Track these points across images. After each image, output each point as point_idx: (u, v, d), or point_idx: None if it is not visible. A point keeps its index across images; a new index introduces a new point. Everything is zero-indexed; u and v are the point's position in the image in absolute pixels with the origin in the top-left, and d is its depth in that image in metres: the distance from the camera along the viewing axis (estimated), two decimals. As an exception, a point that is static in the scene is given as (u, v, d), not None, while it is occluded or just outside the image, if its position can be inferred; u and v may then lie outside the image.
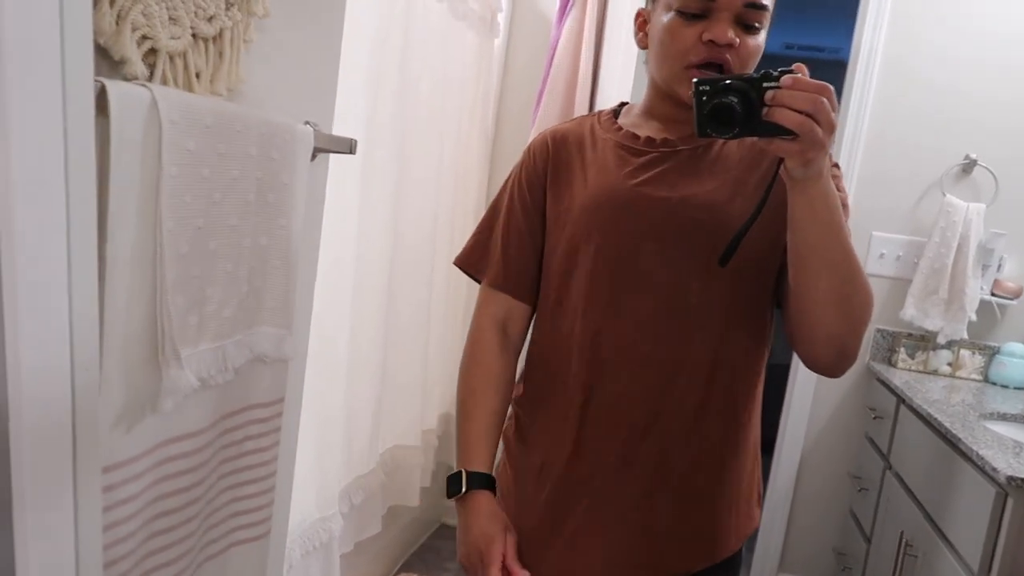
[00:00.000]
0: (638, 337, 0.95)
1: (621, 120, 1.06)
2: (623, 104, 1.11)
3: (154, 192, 0.72)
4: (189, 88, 0.82)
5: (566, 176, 1.03)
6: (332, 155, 1.16)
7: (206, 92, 0.84)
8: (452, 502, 1.02)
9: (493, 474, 1.02)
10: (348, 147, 1.10)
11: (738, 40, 0.90)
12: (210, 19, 0.83)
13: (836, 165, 0.97)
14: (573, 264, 0.99)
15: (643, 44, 1.02)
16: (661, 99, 1.00)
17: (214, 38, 0.84)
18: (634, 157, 0.99)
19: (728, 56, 0.90)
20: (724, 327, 0.95)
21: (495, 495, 1.02)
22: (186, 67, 0.81)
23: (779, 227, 0.88)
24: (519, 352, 1.11)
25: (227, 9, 0.85)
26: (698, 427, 0.96)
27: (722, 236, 0.91)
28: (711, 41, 0.90)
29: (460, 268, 1.12)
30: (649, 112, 1.03)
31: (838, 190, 0.95)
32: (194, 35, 0.81)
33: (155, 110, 0.71)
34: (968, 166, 2.44)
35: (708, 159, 0.97)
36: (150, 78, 0.76)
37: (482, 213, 1.14)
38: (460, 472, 1.01)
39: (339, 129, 1.25)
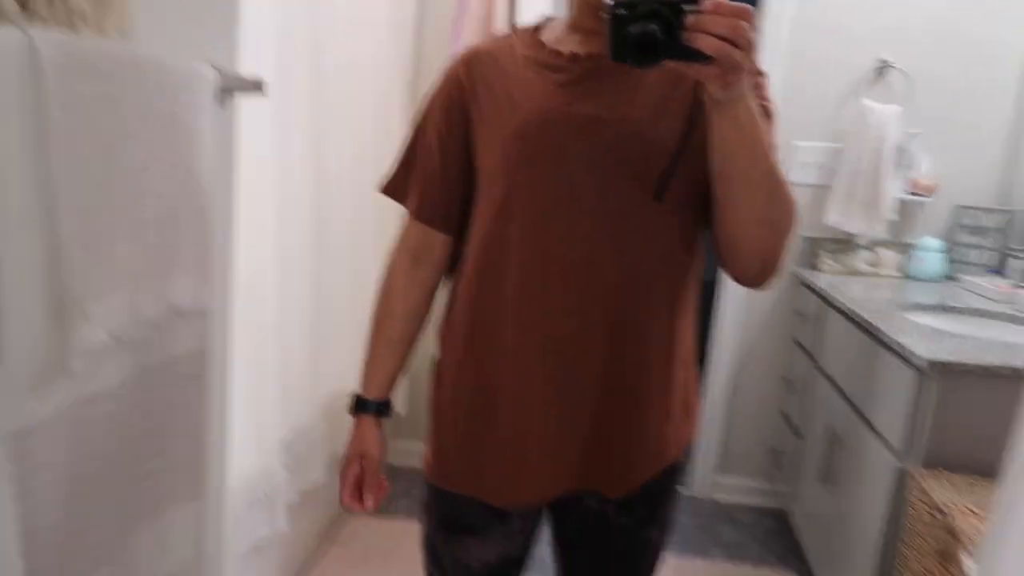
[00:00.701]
0: (574, 259, 0.94)
1: (544, 36, 1.01)
2: (544, 18, 1.07)
3: (43, 143, 0.66)
4: (74, 30, 0.74)
5: (488, 99, 0.99)
6: (243, 97, 1.09)
7: (94, 34, 0.77)
8: (399, 445, 1.09)
9: (383, 398, 1.10)
10: (256, 87, 1.03)
11: None
12: (81, -53, 0.75)
13: (762, 72, 0.96)
14: (504, 189, 0.96)
15: None
16: (584, 11, 0.96)
17: (90, -31, 0.77)
18: (559, 75, 0.95)
19: None
20: (658, 246, 0.95)
21: (377, 418, 1.09)
22: (68, 7, 0.73)
23: (707, 149, 0.87)
24: (434, 280, 1.10)
25: (100, -65, 0.77)
26: (635, 342, 0.97)
27: (652, 158, 0.91)
28: None
29: (385, 195, 1.11)
30: (573, 26, 0.99)
31: (763, 99, 0.94)
32: (66, -34, 0.73)
33: (35, 54, 0.64)
34: (882, 70, 2.49)
35: (635, 74, 0.94)
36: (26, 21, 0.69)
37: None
38: (357, 397, 1.10)
39: (248, 70, 1.18)
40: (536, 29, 1.03)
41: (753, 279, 0.95)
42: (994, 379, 1.46)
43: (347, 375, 2.17)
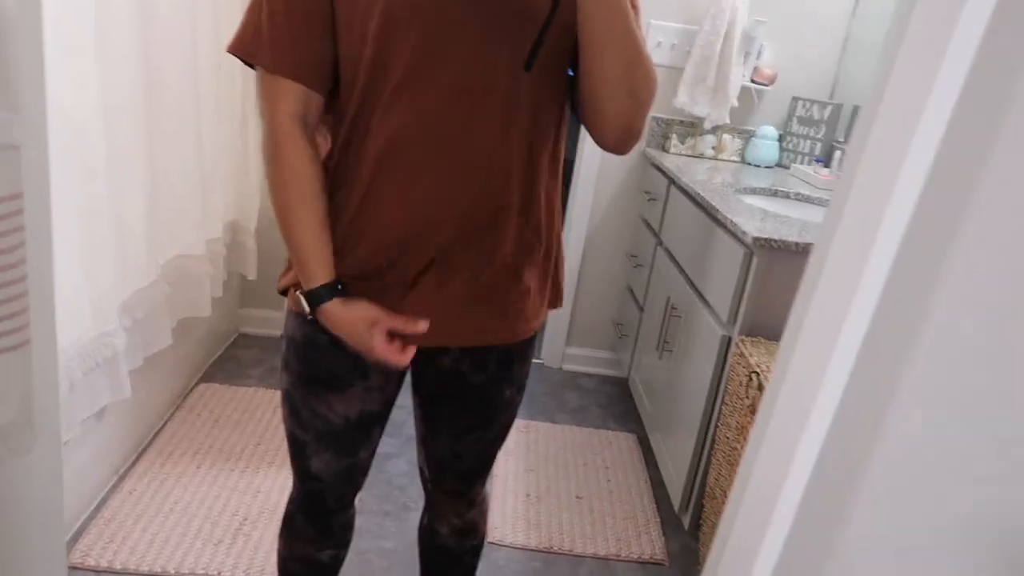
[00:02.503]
0: (448, 131, 0.93)
1: None
2: None
3: None
4: None
5: None
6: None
7: None
8: (250, 313, 1.02)
9: (334, 278, 0.98)
10: None
11: None
12: None
13: None
14: (379, 53, 0.91)
15: None
16: None
17: None
18: None
19: None
20: (525, 114, 0.96)
21: (344, 294, 0.98)
22: None
23: (574, 18, 0.90)
24: (320, 145, 1.02)
25: None
26: (498, 209, 0.99)
27: (525, 25, 0.92)
28: None
29: (236, 55, 0.96)
30: None
31: None
32: None
33: None
34: (738, -47, 2.52)
35: None
36: None
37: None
38: (308, 292, 0.98)
39: None
40: None
41: (616, 144, 0.99)
42: (808, 256, 1.60)
43: (190, 241, 2.07)
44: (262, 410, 2.36)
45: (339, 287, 0.98)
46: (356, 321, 0.97)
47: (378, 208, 0.98)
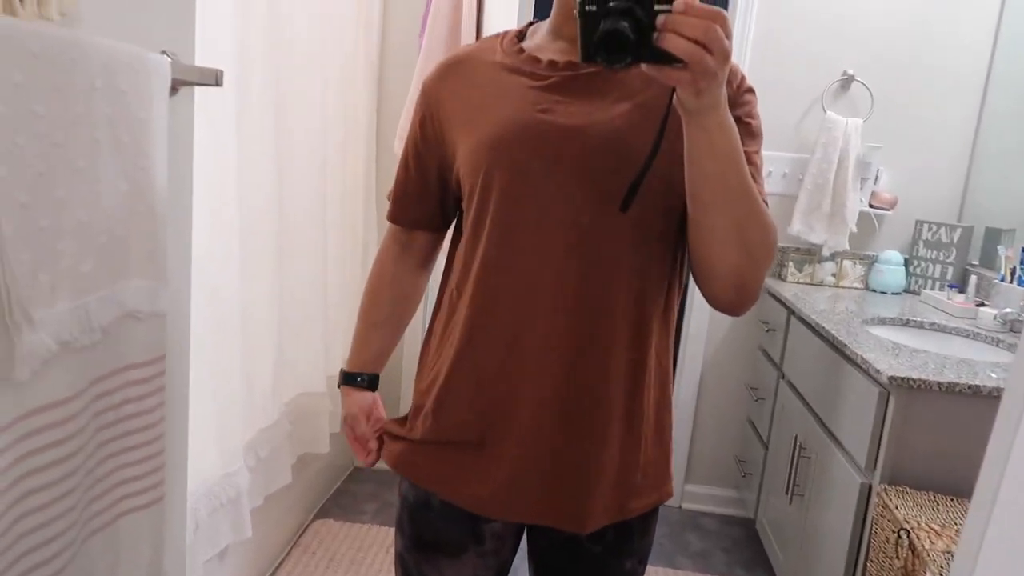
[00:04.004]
0: (538, 271, 0.91)
1: (526, 42, 0.99)
2: (532, 23, 1.04)
3: (-22, 135, 0.63)
4: (11, 12, 0.71)
5: (460, 108, 0.97)
6: (200, 89, 1.06)
7: (33, 18, 0.74)
8: None
9: (367, 371, 1.17)
10: (213, 78, 1.00)
11: None
12: (29, -69, 0.72)
13: (751, 90, 0.94)
14: (481, 200, 0.94)
15: None
16: (566, 16, 0.94)
17: (37, -46, 0.73)
18: (535, 82, 0.93)
19: None
20: (625, 258, 0.91)
21: (362, 386, 1.17)
22: (5, -12, 0.70)
23: (681, 161, 0.83)
24: (422, 263, 1.16)
25: (50, -81, 0.74)
26: (596, 368, 0.93)
27: (625, 168, 0.87)
28: None
29: (392, 222, 1.14)
30: (556, 32, 0.97)
31: (750, 117, 0.92)
32: (11, -50, 0.70)
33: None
34: (846, 82, 2.52)
35: (614, 82, 0.92)
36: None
37: (373, 146, 1.11)
38: (342, 370, 1.18)
39: (206, 59, 1.14)
40: (520, 34, 1.01)
41: (729, 305, 0.91)
42: (953, 396, 1.47)
43: (311, 379, 2.15)
44: (375, 549, 2.33)
45: (363, 380, 1.17)
46: (351, 404, 1.16)
47: (471, 339, 0.96)
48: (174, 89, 0.97)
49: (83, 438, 0.81)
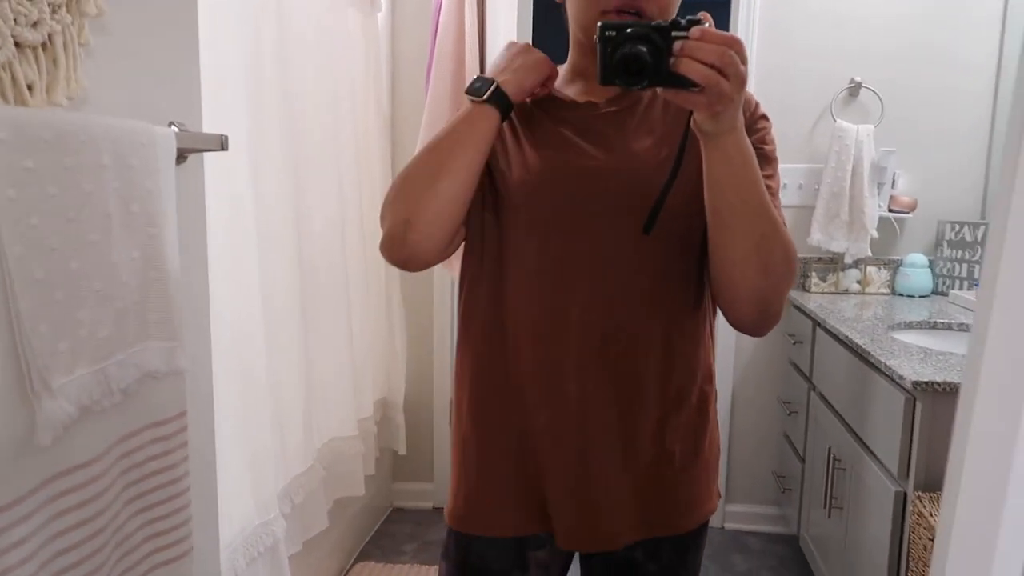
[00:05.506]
0: (578, 313, 0.93)
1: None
2: None
3: (-6, 220, 0.67)
4: (22, 102, 0.76)
5: (503, 152, 0.99)
6: (212, 154, 1.11)
7: (43, 104, 0.79)
8: (401, 487, 1.07)
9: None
10: (219, 144, 1.05)
11: None
12: (34, 25, 0.77)
13: (765, 117, 0.96)
14: (505, 244, 0.96)
15: None
16: (583, 55, 0.97)
17: (43, 45, 0.79)
18: (557, 124, 0.96)
19: (643, 3, 0.87)
20: (649, 281, 0.94)
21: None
22: (14, 80, 0.75)
23: (700, 183, 0.86)
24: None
25: (53, 13, 0.79)
26: (635, 387, 0.96)
27: (647, 193, 0.90)
28: None
29: None
30: (574, 71, 1.00)
31: (763, 143, 0.94)
32: (18, 44, 0.75)
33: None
34: (854, 89, 2.52)
35: (634, 118, 0.94)
36: (-27, 96, 0.71)
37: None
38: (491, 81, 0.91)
39: (220, 127, 1.19)
40: None
41: (752, 326, 0.93)
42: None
43: (343, 424, 2.18)
44: (416, 589, 2.34)
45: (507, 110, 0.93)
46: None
47: (506, 376, 0.98)
48: (183, 157, 1.02)
49: (109, 497, 0.85)
